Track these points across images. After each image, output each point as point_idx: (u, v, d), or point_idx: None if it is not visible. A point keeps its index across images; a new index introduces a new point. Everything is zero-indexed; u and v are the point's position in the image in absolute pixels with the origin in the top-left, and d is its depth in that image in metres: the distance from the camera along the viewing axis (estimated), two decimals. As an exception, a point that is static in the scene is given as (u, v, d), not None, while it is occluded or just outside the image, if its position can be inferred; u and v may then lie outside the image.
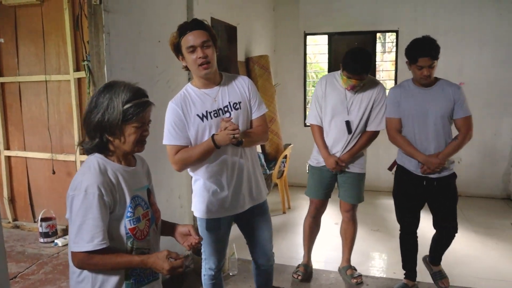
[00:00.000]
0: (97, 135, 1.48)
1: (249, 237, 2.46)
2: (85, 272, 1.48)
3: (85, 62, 2.53)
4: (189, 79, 3.48)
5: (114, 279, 1.49)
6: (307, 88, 6.27)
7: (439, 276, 3.12)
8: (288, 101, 6.12)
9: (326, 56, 6.10)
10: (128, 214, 1.48)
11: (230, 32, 4.53)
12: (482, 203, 5.38)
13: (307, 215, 3.30)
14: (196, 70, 2.09)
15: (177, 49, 2.12)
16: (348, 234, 3.28)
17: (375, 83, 2.99)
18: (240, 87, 2.23)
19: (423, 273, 3.19)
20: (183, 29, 2.07)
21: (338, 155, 3.01)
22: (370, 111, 2.96)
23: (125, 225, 1.48)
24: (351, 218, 3.23)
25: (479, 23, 5.37)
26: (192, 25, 2.08)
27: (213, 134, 2.08)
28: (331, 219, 4.36)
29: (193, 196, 2.32)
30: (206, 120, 2.13)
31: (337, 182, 3.17)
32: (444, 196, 2.88)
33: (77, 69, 3.39)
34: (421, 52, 2.64)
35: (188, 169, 2.26)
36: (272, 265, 2.54)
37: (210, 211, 2.25)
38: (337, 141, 3.01)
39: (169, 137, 2.14)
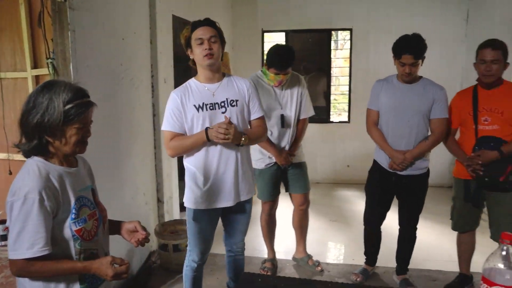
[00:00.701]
0: (36, 136, 1.41)
1: (226, 227, 2.60)
2: (35, 281, 1.43)
3: (49, 60, 2.49)
4: (152, 76, 3.51)
5: (68, 285, 1.45)
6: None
7: (405, 284, 3.16)
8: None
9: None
10: (72, 216, 1.44)
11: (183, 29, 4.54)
12: (431, 192, 5.69)
13: (262, 214, 3.40)
14: (201, 60, 2.26)
15: (187, 43, 2.30)
16: (303, 225, 3.42)
17: (298, 77, 3.19)
18: (240, 87, 2.38)
19: (380, 259, 3.36)
20: (196, 24, 2.28)
21: (286, 148, 3.14)
22: (301, 102, 3.14)
23: (70, 227, 1.43)
24: (304, 210, 3.37)
25: (427, 23, 5.66)
26: (204, 21, 2.28)
27: (207, 127, 2.21)
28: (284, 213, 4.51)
29: (186, 187, 2.42)
30: (201, 111, 2.26)
31: (285, 178, 3.28)
32: (412, 194, 2.98)
33: (35, 66, 3.30)
34: (405, 50, 2.71)
35: (184, 159, 2.39)
36: (242, 252, 2.69)
37: (198, 201, 2.36)
38: (281, 137, 3.14)
39: (166, 123, 2.29)
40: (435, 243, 4.02)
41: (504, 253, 1.14)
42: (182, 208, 2.77)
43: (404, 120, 2.84)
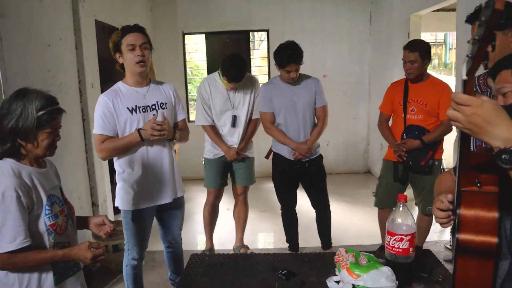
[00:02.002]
0: (9, 140, 1.52)
1: (163, 224, 2.71)
2: (10, 274, 1.54)
3: (-22, 68, 2.47)
4: (79, 82, 3.53)
5: (40, 275, 1.57)
6: (188, 86, 6.53)
7: None
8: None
9: (204, 54, 6.43)
10: (46, 212, 1.56)
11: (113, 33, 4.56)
12: (348, 178, 6.26)
13: (206, 204, 3.59)
14: (133, 67, 2.33)
15: (116, 47, 2.35)
16: (241, 216, 3.66)
17: (253, 79, 3.44)
18: (167, 91, 2.53)
19: (302, 242, 3.66)
20: (126, 30, 2.33)
21: (236, 146, 3.37)
22: (254, 103, 3.39)
23: (45, 222, 1.56)
24: (243, 201, 3.61)
25: (336, 23, 6.20)
26: (134, 28, 2.34)
27: (139, 129, 2.30)
28: (223, 205, 4.73)
29: (118, 190, 2.48)
30: (135, 113, 2.35)
31: (231, 170, 3.51)
32: (315, 175, 3.36)
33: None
34: (288, 60, 3.02)
35: (115, 162, 2.45)
36: (180, 245, 2.84)
37: (136, 202, 2.45)
38: (232, 134, 3.37)
39: (97, 127, 2.33)
40: (354, 222, 4.47)
41: (400, 209, 1.47)
42: (117, 210, 2.83)
43: (298, 116, 3.21)
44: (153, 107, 2.43)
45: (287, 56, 3.04)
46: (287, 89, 3.21)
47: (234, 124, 3.35)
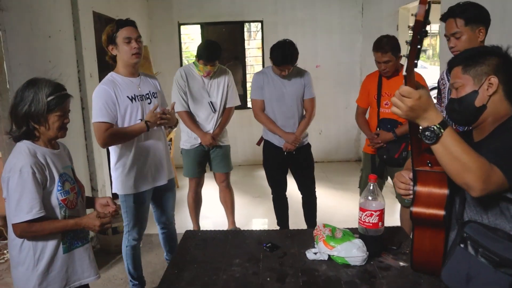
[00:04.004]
0: (24, 124, 1.73)
1: (157, 206, 2.89)
2: (26, 242, 1.75)
3: (-17, 60, 2.61)
4: (78, 71, 3.67)
5: (52, 243, 1.78)
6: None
7: None
8: (167, 88, 6.41)
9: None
10: (58, 188, 1.76)
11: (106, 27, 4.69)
12: (340, 166, 6.45)
13: (189, 192, 3.78)
14: (129, 58, 2.49)
15: (110, 39, 2.49)
16: (228, 200, 3.83)
17: (226, 70, 3.61)
18: (154, 83, 2.73)
19: (292, 225, 3.83)
20: (121, 23, 2.48)
21: (211, 132, 3.53)
22: (227, 92, 3.55)
23: (57, 197, 1.76)
24: (226, 186, 3.79)
25: (328, 15, 6.33)
26: (128, 22, 2.50)
27: (146, 121, 2.48)
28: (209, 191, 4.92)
29: (117, 177, 2.64)
30: (134, 101, 2.53)
31: (209, 158, 3.67)
32: (303, 162, 3.52)
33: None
34: (284, 60, 3.16)
35: (112, 149, 2.61)
36: (174, 226, 3.04)
37: (137, 186, 2.62)
38: (207, 121, 3.53)
39: (100, 115, 2.46)
40: (343, 206, 4.67)
41: (371, 188, 1.65)
42: (115, 195, 2.98)
43: (287, 106, 3.37)
44: (147, 96, 2.62)
45: (284, 57, 3.16)
46: (277, 80, 3.36)
47: (214, 109, 3.50)
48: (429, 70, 11.94)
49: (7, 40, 2.60)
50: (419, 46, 1.08)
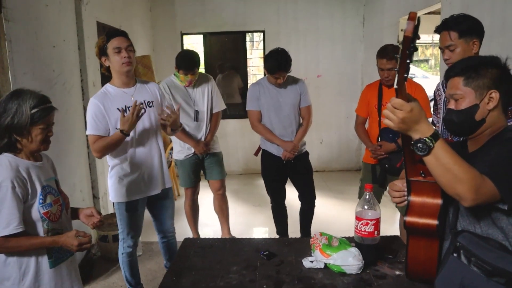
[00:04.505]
0: (6, 135, 1.68)
1: (155, 215, 2.92)
2: (11, 257, 1.70)
3: (-11, 69, 2.66)
4: (82, 80, 3.73)
5: (36, 258, 1.73)
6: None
7: None
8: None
9: (202, 54, 6.62)
10: (40, 201, 1.71)
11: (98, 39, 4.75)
12: (340, 175, 6.47)
13: (186, 200, 3.81)
14: (120, 67, 2.50)
15: (102, 51, 2.51)
16: (224, 209, 3.85)
17: (207, 76, 3.66)
18: (153, 90, 2.72)
19: (292, 234, 3.84)
20: (111, 35, 2.50)
21: (203, 139, 3.57)
22: (212, 98, 3.59)
23: (38, 210, 1.71)
24: (222, 195, 3.81)
25: (330, 25, 6.39)
26: (118, 32, 2.52)
27: (121, 130, 2.43)
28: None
29: (111, 185, 2.67)
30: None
31: (203, 167, 3.69)
32: (302, 169, 3.55)
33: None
34: (278, 68, 3.21)
35: (108, 158, 2.63)
36: (174, 235, 3.05)
37: (129, 194, 2.64)
38: (197, 129, 3.56)
39: (90, 128, 2.51)
40: (343, 216, 4.68)
41: (367, 197, 1.68)
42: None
43: (284, 115, 3.41)
44: (141, 106, 2.58)
45: (277, 64, 3.21)
46: (273, 90, 3.40)
47: (196, 118, 3.53)
48: (431, 80, 11.98)
49: (13, 50, 2.65)
50: (408, 61, 1.11)
